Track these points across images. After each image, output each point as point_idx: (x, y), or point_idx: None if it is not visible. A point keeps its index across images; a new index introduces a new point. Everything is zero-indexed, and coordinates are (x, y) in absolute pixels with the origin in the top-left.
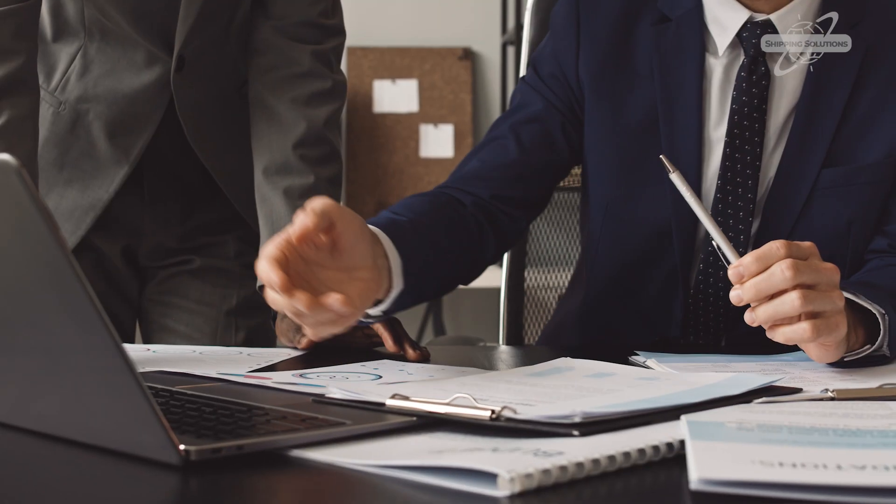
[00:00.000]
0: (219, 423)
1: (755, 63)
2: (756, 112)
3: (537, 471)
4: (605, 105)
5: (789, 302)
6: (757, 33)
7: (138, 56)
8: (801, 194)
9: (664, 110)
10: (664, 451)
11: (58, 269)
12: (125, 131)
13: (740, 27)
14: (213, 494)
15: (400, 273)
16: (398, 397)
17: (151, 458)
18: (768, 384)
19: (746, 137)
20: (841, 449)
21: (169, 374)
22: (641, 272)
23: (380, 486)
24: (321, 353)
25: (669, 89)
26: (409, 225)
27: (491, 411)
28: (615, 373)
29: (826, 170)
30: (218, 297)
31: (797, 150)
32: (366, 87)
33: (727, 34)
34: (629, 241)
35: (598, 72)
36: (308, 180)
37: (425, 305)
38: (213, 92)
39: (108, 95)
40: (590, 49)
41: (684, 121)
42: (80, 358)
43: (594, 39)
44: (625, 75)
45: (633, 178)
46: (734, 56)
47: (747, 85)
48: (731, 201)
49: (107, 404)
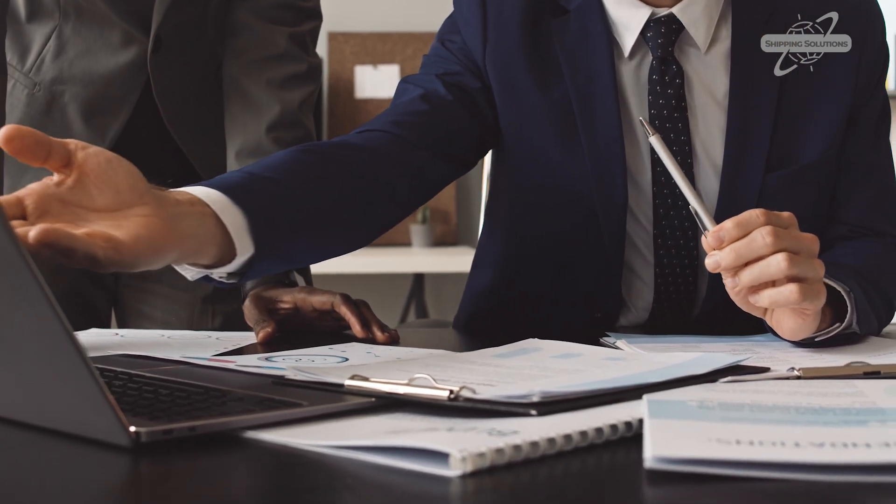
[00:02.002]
0: (174, 405)
1: (665, 62)
2: (677, 112)
3: (490, 450)
4: (513, 99)
5: (775, 264)
6: (661, 31)
7: (114, 36)
8: (748, 203)
9: (581, 112)
10: (622, 431)
11: (6, 252)
12: (101, 113)
13: (643, 26)
14: (165, 476)
15: (247, 235)
16: (357, 378)
17: (103, 440)
18: (734, 363)
19: (671, 139)
20: (801, 427)
21: (132, 358)
22: (570, 257)
23: (332, 466)
24: (289, 336)
25: (581, 90)
26: (260, 183)
27: (449, 391)
28: (582, 353)
29: (770, 175)
30: (193, 283)
31: (736, 160)
32: (347, 72)
33: (631, 34)
34: (556, 229)
35: (506, 64)
36: None
37: (408, 289)
38: (191, 74)
39: (83, 76)
40: (496, 41)
41: (604, 130)
42: (30, 341)
43: (501, 31)
44: (534, 69)
45: (552, 170)
46: (642, 57)
47: (661, 87)
48: (671, 203)
49: (57, 387)
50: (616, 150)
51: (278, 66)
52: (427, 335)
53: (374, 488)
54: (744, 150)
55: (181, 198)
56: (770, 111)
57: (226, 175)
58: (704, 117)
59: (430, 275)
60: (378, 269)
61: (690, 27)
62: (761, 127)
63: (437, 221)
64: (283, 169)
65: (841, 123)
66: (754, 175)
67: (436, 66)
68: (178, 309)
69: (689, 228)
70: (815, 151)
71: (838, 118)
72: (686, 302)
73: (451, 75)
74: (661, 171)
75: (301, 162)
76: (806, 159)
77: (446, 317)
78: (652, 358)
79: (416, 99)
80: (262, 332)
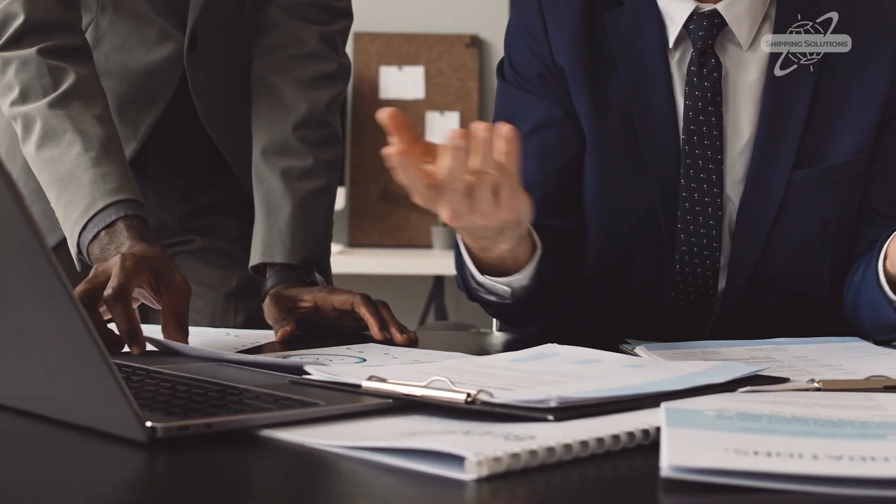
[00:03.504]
0: (190, 402)
1: (704, 56)
2: (711, 106)
3: (506, 454)
4: (581, 96)
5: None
6: (704, 25)
7: (151, 32)
8: (774, 199)
9: (637, 109)
10: (639, 438)
11: (28, 248)
12: (135, 107)
13: (686, 19)
14: (180, 472)
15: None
16: (374, 379)
17: (119, 434)
18: (754, 373)
19: (703, 132)
20: (819, 439)
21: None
22: (630, 259)
23: (348, 466)
24: (309, 336)
25: (636, 83)
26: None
27: (467, 394)
28: (600, 359)
29: (797, 172)
30: (218, 279)
31: (765, 155)
32: (372, 73)
33: (675, 26)
34: (616, 228)
35: (571, 61)
36: (307, 162)
37: (428, 291)
38: (227, 70)
39: (118, 70)
40: (559, 38)
41: (658, 123)
42: (49, 334)
43: (561, 28)
44: (594, 65)
45: (616, 168)
46: (684, 49)
47: (698, 79)
48: (698, 199)
49: (76, 381)
50: (672, 143)
51: (307, 65)
52: (446, 338)
53: (389, 490)
54: (773, 146)
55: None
56: (802, 111)
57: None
58: (737, 113)
59: (451, 277)
60: (398, 271)
61: (733, 24)
62: (793, 126)
63: None
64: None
65: (873, 128)
66: (781, 172)
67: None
68: (201, 304)
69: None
70: (844, 153)
71: (870, 123)
72: (704, 301)
73: (545, 129)
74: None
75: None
76: (834, 160)
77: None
78: (671, 366)
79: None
80: (280, 331)
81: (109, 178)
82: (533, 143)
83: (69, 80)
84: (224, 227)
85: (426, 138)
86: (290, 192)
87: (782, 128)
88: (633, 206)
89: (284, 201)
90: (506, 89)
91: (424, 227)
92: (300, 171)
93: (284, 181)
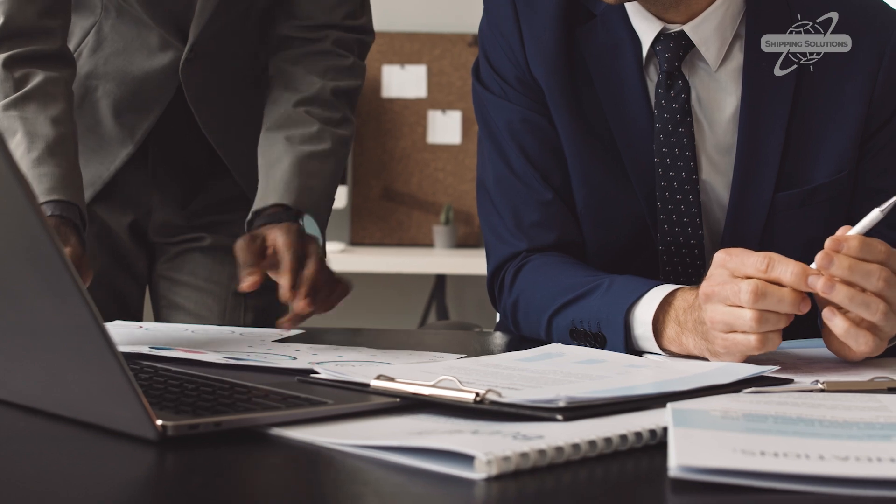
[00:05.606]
0: (199, 400)
1: (671, 77)
2: (682, 126)
3: (515, 454)
4: (560, 109)
5: (874, 307)
6: (670, 46)
7: (152, 39)
8: (758, 221)
9: (615, 122)
10: (647, 438)
11: (39, 245)
12: (132, 111)
13: (653, 40)
14: (190, 470)
15: None
16: (383, 378)
17: (129, 432)
18: (758, 374)
19: (675, 154)
20: (825, 440)
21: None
22: (624, 269)
23: (356, 465)
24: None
25: (612, 97)
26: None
27: (475, 394)
28: (605, 359)
29: (780, 194)
30: (227, 277)
31: (746, 178)
32: (374, 71)
33: (645, 45)
34: (607, 239)
35: (547, 74)
36: (311, 128)
37: (429, 290)
38: (225, 79)
39: (117, 74)
40: (535, 52)
41: (638, 137)
42: (60, 331)
43: (537, 42)
44: (570, 78)
45: (602, 179)
46: (655, 67)
47: (666, 101)
48: (676, 220)
49: (86, 379)
50: (648, 151)
51: (323, 59)
52: (448, 337)
53: (398, 488)
54: (753, 168)
55: None
56: (780, 131)
57: None
58: (713, 133)
59: (452, 276)
60: (400, 269)
61: (701, 45)
62: (772, 146)
63: (460, 223)
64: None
65: (853, 146)
66: (764, 193)
67: (508, 117)
68: (211, 302)
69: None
70: (826, 172)
71: (849, 142)
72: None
73: (531, 125)
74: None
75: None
76: (816, 180)
77: (467, 319)
78: (676, 366)
79: (545, 196)
80: (246, 282)
81: (45, 179)
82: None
83: (32, 82)
84: (233, 224)
85: (429, 137)
86: (293, 153)
87: (762, 149)
88: (623, 216)
89: (286, 161)
90: (484, 94)
91: (426, 225)
92: (304, 136)
93: (287, 143)
